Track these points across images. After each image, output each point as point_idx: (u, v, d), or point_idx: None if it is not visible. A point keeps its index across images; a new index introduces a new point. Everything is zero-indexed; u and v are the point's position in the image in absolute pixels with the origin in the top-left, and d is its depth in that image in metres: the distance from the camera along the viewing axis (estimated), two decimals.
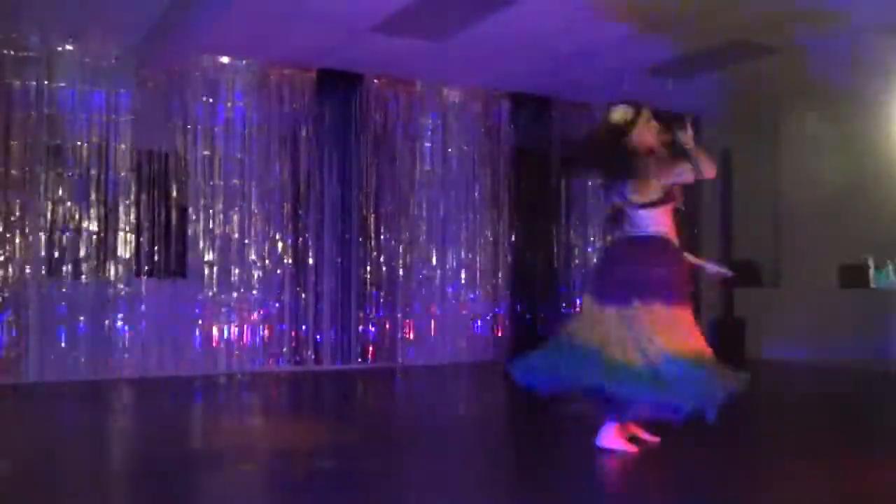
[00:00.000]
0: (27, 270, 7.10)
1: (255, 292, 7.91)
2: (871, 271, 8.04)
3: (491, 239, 9.02)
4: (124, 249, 7.47)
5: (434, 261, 8.72)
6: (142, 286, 7.54)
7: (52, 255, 7.22)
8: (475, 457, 4.58)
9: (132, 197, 7.50)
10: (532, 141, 9.19)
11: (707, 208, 9.69)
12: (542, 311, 9.17)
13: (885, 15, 6.41)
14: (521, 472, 4.15)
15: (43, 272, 7.18)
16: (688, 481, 3.95)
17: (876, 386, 7.34)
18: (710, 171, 4.38)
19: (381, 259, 8.43)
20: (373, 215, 8.41)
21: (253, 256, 7.93)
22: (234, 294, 7.83)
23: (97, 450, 4.70)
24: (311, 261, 8.12)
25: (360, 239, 8.34)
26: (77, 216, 7.30)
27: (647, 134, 4.42)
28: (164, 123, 7.63)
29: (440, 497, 3.64)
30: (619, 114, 4.44)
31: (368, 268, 8.37)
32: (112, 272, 7.42)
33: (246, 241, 7.90)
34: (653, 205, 4.32)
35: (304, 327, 8.07)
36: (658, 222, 4.36)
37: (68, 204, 7.27)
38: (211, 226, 7.78)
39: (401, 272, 8.52)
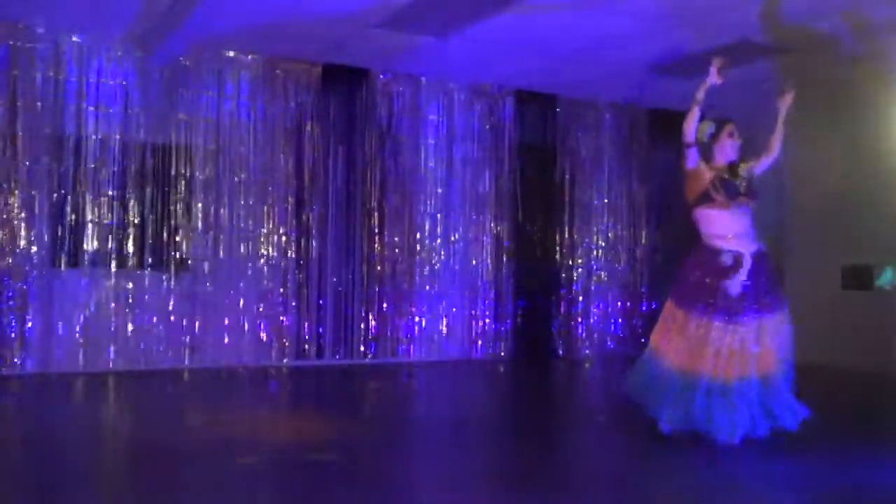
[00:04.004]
0: (31, 262, 7.13)
1: (258, 286, 7.93)
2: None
3: (494, 235, 9.02)
4: (128, 242, 7.49)
5: (437, 257, 8.73)
6: (145, 279, 7.57)
7: (56, 247, 7.24)
8: (476, 453, 4.60)
9: (136, 189, 7.52)
10: (536, 138, 9.20)
11: None
12: (544, 307, 9.19)
13: (887, 15, 6.41)
14: (522, 470, 4.17)
15: (46, 264, 7.19)
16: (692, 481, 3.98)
17: (879, 388, 7.35)
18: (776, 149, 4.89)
19: (385, 254, 8.45)
20: (377, 210, 8.43)
21: (256, 250, 7.95)
22: (237, 288, 7.85)
23: (99, 441, 4.73)
24: (314, 255, 8.13)
25: (364, 234, 8.35)
26: (81, 208, 7.32)
27: (727, 147, 4.72)
28: (169, 116, 7.64)
29: (440, 494, 3.66)
30: (701, 129, 4.73)
31: (372, 263, 8.39)
32: (115, 264, 7.44)
33: (249, 235, 7.92)
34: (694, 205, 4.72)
35: (306, 322, 8.09)
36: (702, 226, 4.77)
37: (72, 196, 7.29)
38: (215, 219, 7.80)
39: (404, 268, 8.53)
